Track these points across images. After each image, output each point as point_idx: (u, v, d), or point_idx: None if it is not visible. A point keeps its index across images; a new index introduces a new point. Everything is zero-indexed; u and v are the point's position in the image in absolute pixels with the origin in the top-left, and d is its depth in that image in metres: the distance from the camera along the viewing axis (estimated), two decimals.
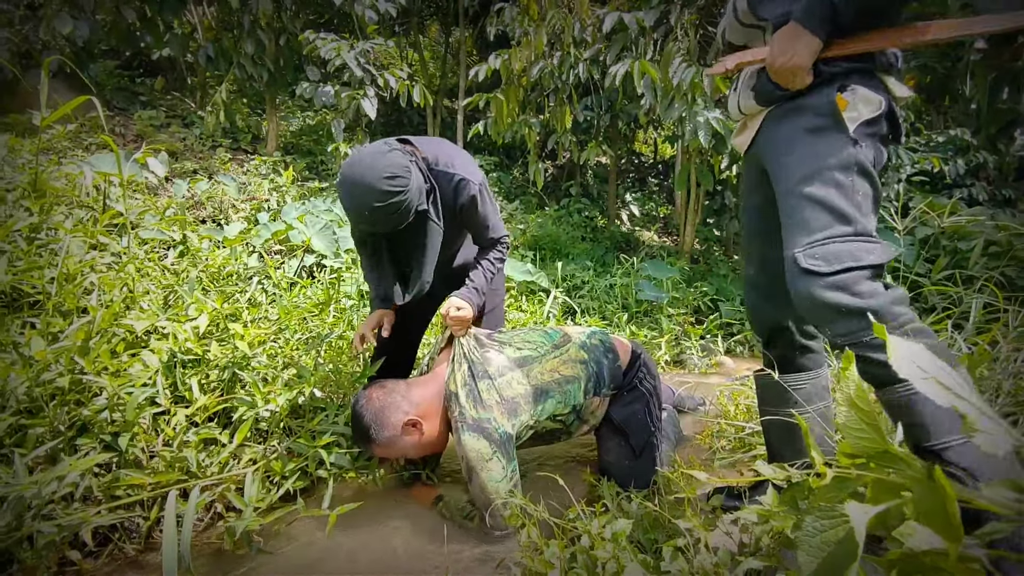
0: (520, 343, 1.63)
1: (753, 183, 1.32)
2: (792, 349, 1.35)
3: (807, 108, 1.10)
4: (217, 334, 1.84)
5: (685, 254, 5.02)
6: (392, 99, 5.27)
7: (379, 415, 1.46)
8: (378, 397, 1.49)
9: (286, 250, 3.51)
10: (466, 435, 1.39)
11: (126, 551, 1.36)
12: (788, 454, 1.30)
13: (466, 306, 1.60)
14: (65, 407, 1.37)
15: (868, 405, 0.45)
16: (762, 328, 1.38)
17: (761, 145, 1.22)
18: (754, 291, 1.38)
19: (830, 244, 1.01)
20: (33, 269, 1.64)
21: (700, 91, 3.14)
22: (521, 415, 1.48)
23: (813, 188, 1.04)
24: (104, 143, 4.03)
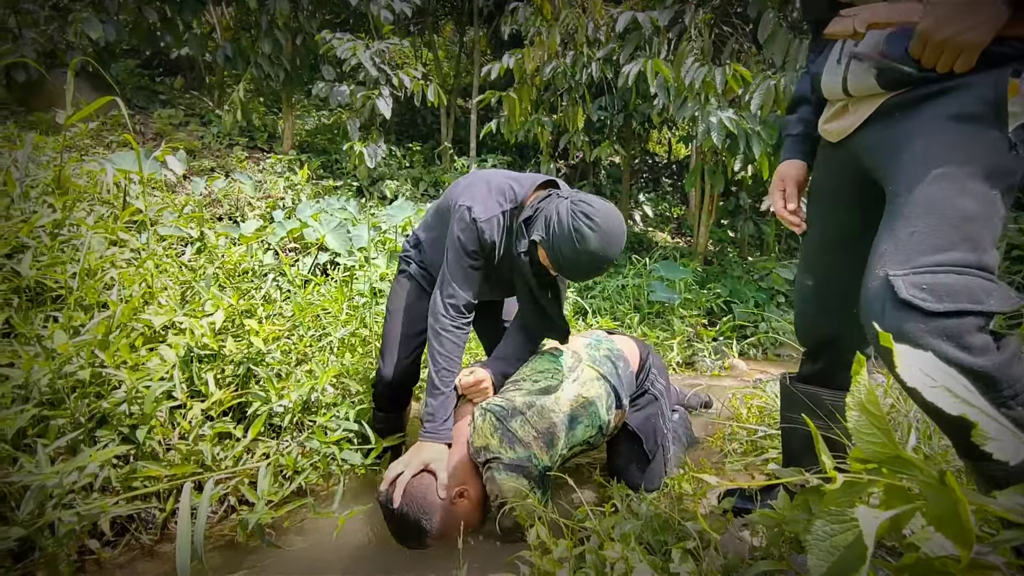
0: (534, 376, 1.53)
1: (838, 182, 1.11)
2: (838, 365, 1.23)
3: (960, 90, 0.83)
4: (233, 330, 1.86)
5: (699, 255, 4.99)
6: (406, 98, 5.30)
7: (423, 504, 1.30)
8: (410, 489, 1.32)
9: (301, 248, 3.55)
10: (502, 475, 1.32)
11: (142, 541, 1.39)
12: (810, 460, 1.27)
13: (479, 371, 1.52)
14: (85, 399, 1.40)
15: (879, 409, 0.45)
16: (810, 341, 1.27)
17: (871, 138, 0.97)
18: (808, 303, 1.23)
19: (944, 274, 0.76)
20: (56, 264, 1.68)
21: (713, 90, 3.11)
22: (558, 444, 1.41)
23: (943, 193, 0.80)
24: (124, 141, 4.11)
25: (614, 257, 1.35)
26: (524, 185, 1.52)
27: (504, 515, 1.31)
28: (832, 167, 1.13)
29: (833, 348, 1.23)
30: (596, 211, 1.33)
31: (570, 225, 1.32)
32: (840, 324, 1.18)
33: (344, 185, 5.11)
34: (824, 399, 1.24)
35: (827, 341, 1.23)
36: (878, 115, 0.96)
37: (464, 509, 1.36)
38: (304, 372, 1.88)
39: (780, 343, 3.89)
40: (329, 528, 1.46)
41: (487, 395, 1.52)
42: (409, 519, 1.29)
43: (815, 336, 1.26)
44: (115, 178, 2.58)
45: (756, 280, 4.88)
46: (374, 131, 5.09)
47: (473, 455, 1.38)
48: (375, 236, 3.66)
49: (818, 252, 1.20)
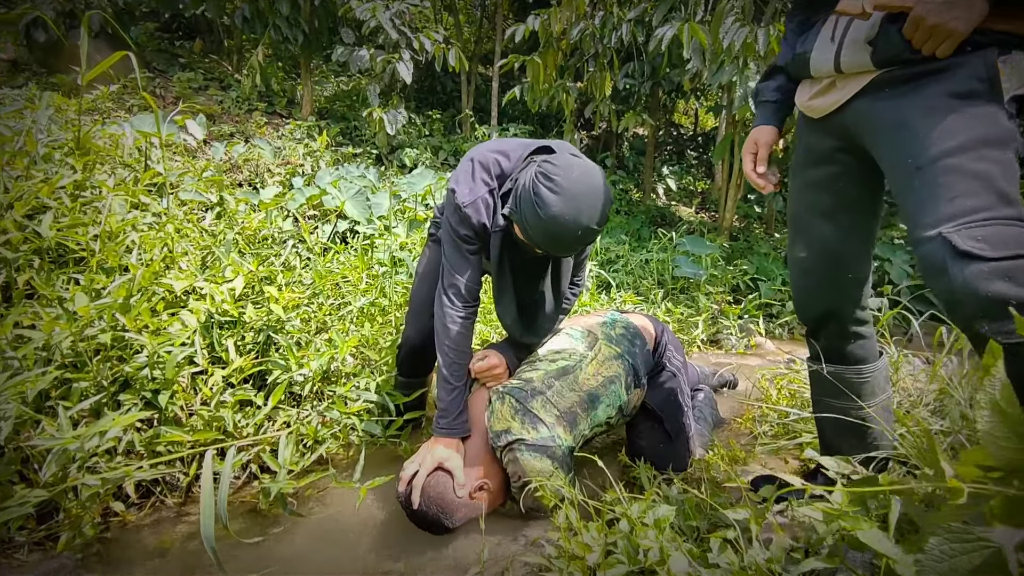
0: (551, 356, 1.50)
1: (824, 154, 1.16)
2: (842, 338, 1.24)
3: (954, 70, 0.92)
4: (252, 296, 1.84)
5: (724, 231, 4.83)
6: (426, 64, 5.15)
7: (442, 505, 1.26)
8: (427, 490, 1.28)
9: (320, 215, 3.51)
10: (525, 455, 1.27)
11: (167, 504, 1.40)
12: (845, 448, 1.22)
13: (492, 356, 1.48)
14: (108, 363, 1.39)
15: (1016, 409, 0.38)
16: (809, 316, 1.27)
17: (862, 112, 1.04)
18: (804, 276, 1.24)
19: (993, 225, 0.83)
20: (77, 226, 1.66)
21: (753, 54, 2.93)
22: (580, 424, 1.37)
23: (968, 161, 0.87)
24: (145, 104, 4.08)
25: (589, 222, 1.18)
26: (513, 157, 1.38)
27: (527, 495, 1.28)
28: (817, 140, 1.17)
29: (835, 320, 1.23)
30: (559, 171, 1.18)
31: (531, 190, 1.18)
32: (839, 295, 1.20)
33: (363, 153, 5.04)
34: (850, 378, 1.23)
35: (827, 314, 1.23)
36: (866, 90, 1.03)
37: (485, 500, 1.33)
38: (324, 341, 1.86)
39: None
40: (350, 498, 1.45)
41: (501, 379, 1.48)
42: (429, 517, 1.26)
43: (815, 310, 1.25)
44: (136, 142, 2.55)
45: (784, 257, 4.73)
46: (394, 97, 4.97)
47: (493, 440, 1.33)
48: (395, 205, 3.60)
49: (811, 222, 1.21)
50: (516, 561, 1.14)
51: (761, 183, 1.27)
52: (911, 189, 0.94)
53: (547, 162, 1.21)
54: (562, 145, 1.40)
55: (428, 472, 1.29)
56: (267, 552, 1.24)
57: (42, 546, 1.19)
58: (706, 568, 0.85)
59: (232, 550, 1.23)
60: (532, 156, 1.35)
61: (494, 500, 1.36)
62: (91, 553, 1.19)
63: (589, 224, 1.18)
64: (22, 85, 4.51)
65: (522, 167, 1.33)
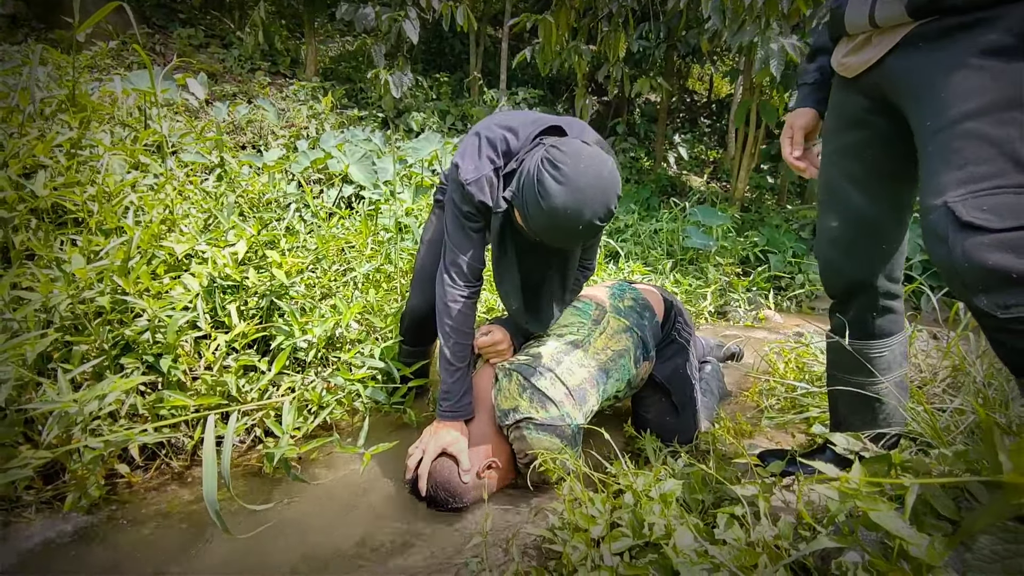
0: (559, 330, 1.46)
1: (856, 116, 1.10)
2: (870, 311, 1.20)
3: (991, 23, 0.85)
4: (255, 261, 1.81)
5: (736, 201, 4.73)
6: (434, 23, 4.97)
7: (449, 489, 1.25)
8: (434, 476, 1.26)
9: (324, 179, 3.45)
10: (533, 434, 1.24)
11: (173, 466, 1.40)
12: (857, 424, 1.19)
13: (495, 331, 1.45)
14: (108, 326, 1.37)
15: None
16: (838, 288, 1.21)
17: (895, 69, 0.98)
18: (832, 246, 1.19)
19: (1001, 194, 0.79)
20: (74, 185, 1.62)
21: (776, 13, 2.78)
22: (589, 400, 1.34)
23: (987, 125, 0.82)
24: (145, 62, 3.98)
25: (592, 217, 1.10)
26: (522, 135, 1.30)
27: (533, 470, 1.27)
28: (852, 101, 1.11)
29: (864, 293, 1.18)
30: (566, 159, 1.10)
31: (535, 178, 1.11)
32: (870, 265, 1.16)
33: (369, 116, 4.93)
34: (869, 353, 1.19)
35: (857, 285, 1.18)
36: (901, 46, 0.97)
37: (495, 479, 1.32)
38: (328, 307, 1.83)
39: (816, 295, 3.73)
40: (354, 464, 1.46)
41: (505, 356, 1.44)
42: (439, 501, 1.25)
43: (844, 281, 1.20)
44: (136, 101, 2.48)
45: (795, 229, 4.64)
46: (400, 58, 4.83)
47: (500, 419, 1.29)
48: (400, 169, 3.53)
49: (842, 190, 1.16)
50: (520, 531, 1.14)
51: (801, 166, 1.22)
52: (926, 154, 0.90)
53: (555, 147, 1.13)
54: (573, 125, 1.33)
55: (432, 459, 1.28)
56: (270, 516, 1.25)
57: (50, 505, 1.20)
58: (712, 544, 0.84)
59: (236, 513, 1.24)
60: (542, 137, 1.28)
61: (503, 478, 1.35)
62: (98, 513, 1.20)
63: (592, 219, 1.10)
64: (21, 41, 4.41)
65: (529, 147, 1.26)
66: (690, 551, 0.83)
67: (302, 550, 1.14)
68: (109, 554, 1.10)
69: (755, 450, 1.38)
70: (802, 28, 3.10)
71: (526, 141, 1.29)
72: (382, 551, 1.14)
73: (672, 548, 0.84)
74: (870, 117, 1.08)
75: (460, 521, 1.24)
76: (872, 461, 0.81)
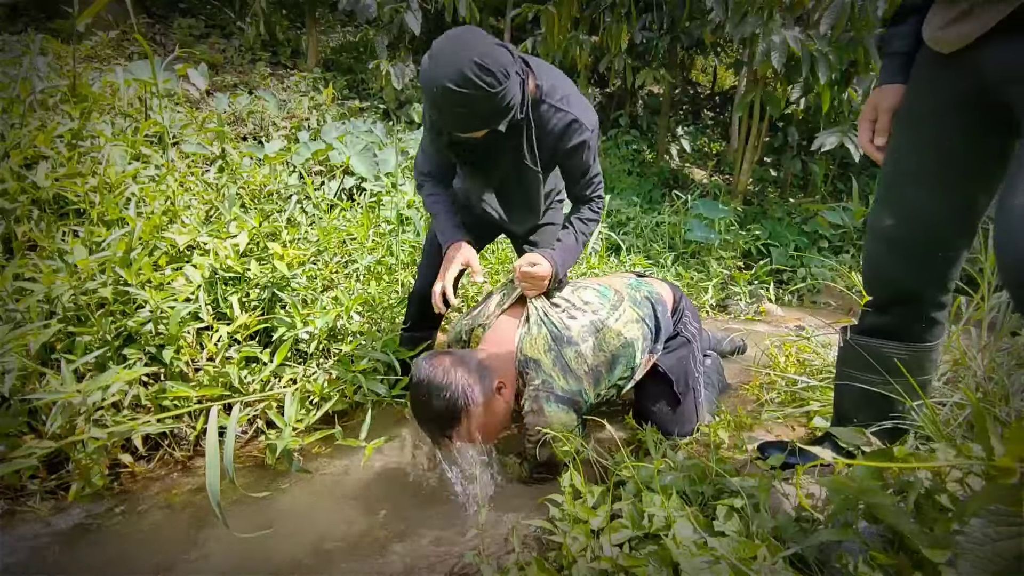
0: (582, 306, 1.46)
1: (944, 102, 0.94)
2: (915, 320, 1.09)
3: None
4: (257, 252, 1.81)
5: (738, 194, 4.71)
6: (436, 14, 4.93)
7: (469, 382, 1.21)
8: (455, 366, 1.23)
9: (326, 170, 3.44)
10: (551, 407, 1.25)
11: (176, 456, 1.41)
12: (859, 419, 1.18)
13: (545, 264, 1.39)
14: (110, 317, 1.38)
15: None
16: (885, 291, 1.11)
17: (1002, 51, 0.83)
18: (886, 246, 1.08)
19: None
20: (75, 176, 1.62)
21: (779, 4, 2.76)
22: (602, 383, 1.36)
23: None
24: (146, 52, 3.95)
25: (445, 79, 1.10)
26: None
27: (543, 448, 1.27)
28: (941, 84, 0.95)
29: (911, 301, 1.08)
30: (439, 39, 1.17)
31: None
32: (924, 272, 1.04)
33: (370, 107, 4.90)
34: (888, 353, 1.13)
35: (905, 292, 1.08)
36: (1011, 21, 0.80)
37: (500, 407, 1.28)
38: (330, 299, 1.84)
39: (818, 290, 3.72)
40: (356, 455, 1.46)
41: (541, 289, 1.43)
42: (443, 396, 1.19)
43: (891, 286, 1.09)
44: (137, 92, 2.47)
45: (798, 223, 4.63)
46: (402, 49, 4.79)
47: (520, 363, 1.31)
48: (402, 161, 3.52)
49: (907, 186, 1.02)
50: (520, 522, 1.15)
51: (881, 157, 1.07)
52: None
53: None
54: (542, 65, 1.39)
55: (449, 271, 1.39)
56: (272, 506, 1.25)
57: (54, 495, 1.22)
58: (712, 535, 0.84)
59: (239, 504, 1.24)
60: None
61: (500, 413, 1.29)
62: (101, 502, 1.21)
63: (445, 82, 1.10)
64: (21, 31, 4.38)
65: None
66: (690, 543, 0.83)
67: (303, 541, 1.15)
68: (113, 543, 1.11)
69: (755, 443, 1.38)
70: (806, 21, 3.07)
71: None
72: (383, 542, 1.15)
73: (672, 540, 0.84)
74: (962, 105, 0.93)
75: (461, 512, 1.25)
76: (874, 455, 0.81)
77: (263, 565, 1.08)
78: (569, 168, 1.47)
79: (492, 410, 1.25)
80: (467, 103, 1.14)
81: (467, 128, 1.23)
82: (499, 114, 1.20)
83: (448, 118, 1.20)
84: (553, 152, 1.41)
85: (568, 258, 1.47)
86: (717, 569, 0.75)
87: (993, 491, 0.36)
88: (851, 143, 3.56)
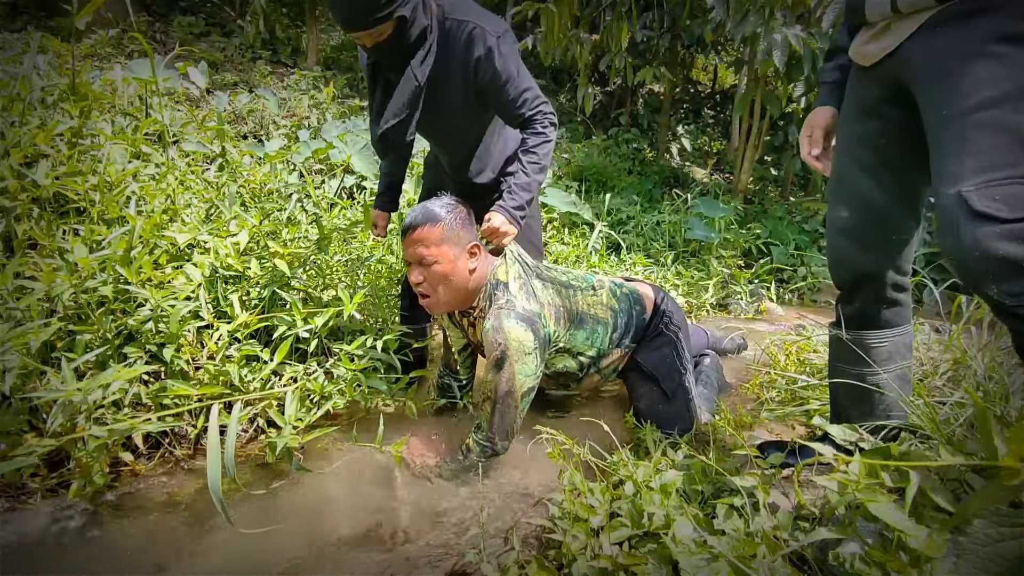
0: (565, 272, 1.59)
1: (870, 105, 1.10)
2: (877, 303, 1.20)
3: (1007, 8, 0.85)
4: (257, 251, 1.81)
5: (739, 193, 4.71)
6: None
7: (458, 217, 1.38)
8: (456, 209, 1.39)
9: (326, 169, 3.44)
10: (511, 322, 1.31)
11: (176, 455, 1.41)
12: (856, 415, 1.20)
13: (496, 216, 1.41)
14: (111, 316, 1.38)
15: None
16: (845, 278, 1.22)
17: (915, 55, 0.98)
18: (842, 235, 1.19)
19: (1013, 185, 0.80)
20: (75, 175, 1.62)
21: (780, 3, 2.75)
22: (561, 324, 1.45)
23: (1003, 114, 0.83)
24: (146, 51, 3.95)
25: None
26: None
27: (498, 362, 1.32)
28: (865, 91, 1.11)
29: (872, 284, 1.18)
30: None
31: None
32: (880, 255, 1.15)
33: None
34: (869, 343, 1.20)
35: (865, 276, 1.18)
36: (919, 31, 0.97)
37: (464, 264, 1.39)
38: (330, 297, 1.84)
39: (818, 288, 3.72)
40: (357, 453, 1.46)
41: (509, 234, 1.45)
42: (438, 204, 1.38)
43: (853, 272, 1.19)
44: (137, 90, 2.47)
45: (798, 222, 4.63)
46: None
47: (491, 284, 1.42)
48: None
49: (854, 180, 1.15)
50: (520, 521, 1.15)
51: (819, 166, 1.23)
52: (939, 143, 0.90)
53: None
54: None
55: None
56: (274, 505, 1.26)
57: (55, 493, 1.22)
58: (711, 534, 0.84)
59: (240, 502, 1.25)
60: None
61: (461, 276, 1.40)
62: (102, 502, 1.22)
63: None
64: (21, 29, 4.38)
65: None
66: (689, 541, 0.83)
67: (304, 539, 1.15)
68: (114, 542, 1.11)
69: (755, 442, 1.38)
70: (807, 19, 3.07)
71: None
72: (384, 540, 1.15)
73: (671, 538, 0.84)
74: (884, 106, 1.07)
75: (461, 511, 1.25)
76: (871, 453, 0.81)
77: (264, 563, 1.08)
78: (488, 85, 1.37)
79: (458, 256, 1.38)
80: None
81: (370, 13, 1.18)
82: (404, 3, 1.19)
83: (349, 6, 1.18)
84: (465, 70, 1.34)
85: (520, 195, 1.43)
86: (716, 567, 0.75)
87: (994, 491, 0.37)
88: None
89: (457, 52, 1.33)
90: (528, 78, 1.39)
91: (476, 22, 1.30)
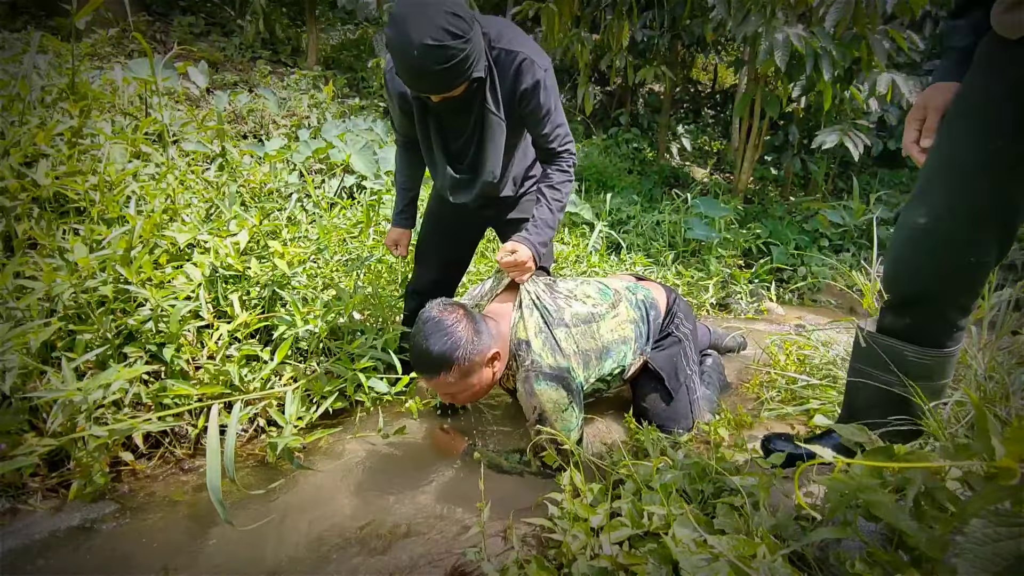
0: (583, 297, 1.52)
1: (1009, 92, 0.85)
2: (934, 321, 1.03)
3: None
4: (257, 251, 1.81)
5: (739, 193, 4.71)
6: None
7: (472, 338, 1.26)
8: (465, 320, 1.28)
9: (326, 168, 3.44)
10: (542, 384, 1.29)
11: (176, 455, 1.41)
12: (870, 419, 1.16)
13: (523, 249, 1.40)
14: (111, 316, 1.38)
15: None
16: (907, 292, 1.04)
17: None
18: (914, 246, 1.00)
19: None
20: (75, 174, 1.62)
21: (781, 2, 2.75)
22: (591, 367, 1.41)
23: None
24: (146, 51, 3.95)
25: (421, 37, 1.10)
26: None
27: (538, 423, 1.29)
28: (1002, 74, 0.85)
29: (932, 303, 1.01)
30: (396, 5, 1.16)
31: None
32: (950, 275, 0.97)
33: (370, 105, 4.90)
34: (907, 356, 1.06)
35: (929, 296, 1.01)
36: None
37: (487, 374, 1.33)
38: (330, 297, 1.84)
39: (818, 289, 3.72)
40: (357, 452, 1.46)
41: (528, 272, 1.44)
42: (447, 341, 1.24)
43: (913, 287, 1.02)
44: (137, 90, 2.47)
45: (799, 221, 4.62)
46: None
47: (513, 344, 1.38)
48: None
49: (946, 180, 0.93)
50: (520, 521, 1.15)
51: (923, 160, 0.99)
52: None
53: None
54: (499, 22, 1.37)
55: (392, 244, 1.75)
56: (274, 504, 1.26)
57: (55, 493, 1.22)
58: (711, 534, 0.84)
59: (239, 502, 1.25)
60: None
61: (485, 385, 1.35)
62: (102, 500, 1.22)
63: (422, 40, 1.10)
64: (20, 28, 4.38)
65: None
66: (689, 541, 0.83)
67: (304, 538, 1.15)
68: (114, 541, 1.11)
69: (755, 441, 1.38)
70: (808, 18, 3.06)
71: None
72: (384, 539, 1.15)
73: (671, 538, 0.84)
74: (1017, 94, 0.84)
75: (461, 510, 1.25)
76: (872, 453, 0.81)
77: (264, 562, 1.08)
78: (529, 115, 1.39)
79: (479, 374, 1.30)
80: (449, 57, 1.13)
81: (451, 84, 1.19)
82: (477, 61, 1.20)
83: (430, 79, 1.17)
84: (511, 98, 1.36)
85: (545, 231, 1.45)
86: (716, 567, 0.75)
87: (993, 491, 0.36)
88: (851, 142, 3.55)
89: (505, 81, 1.35)
90: (563, 114, 1.43)
91: (526, 54, 1.32)
